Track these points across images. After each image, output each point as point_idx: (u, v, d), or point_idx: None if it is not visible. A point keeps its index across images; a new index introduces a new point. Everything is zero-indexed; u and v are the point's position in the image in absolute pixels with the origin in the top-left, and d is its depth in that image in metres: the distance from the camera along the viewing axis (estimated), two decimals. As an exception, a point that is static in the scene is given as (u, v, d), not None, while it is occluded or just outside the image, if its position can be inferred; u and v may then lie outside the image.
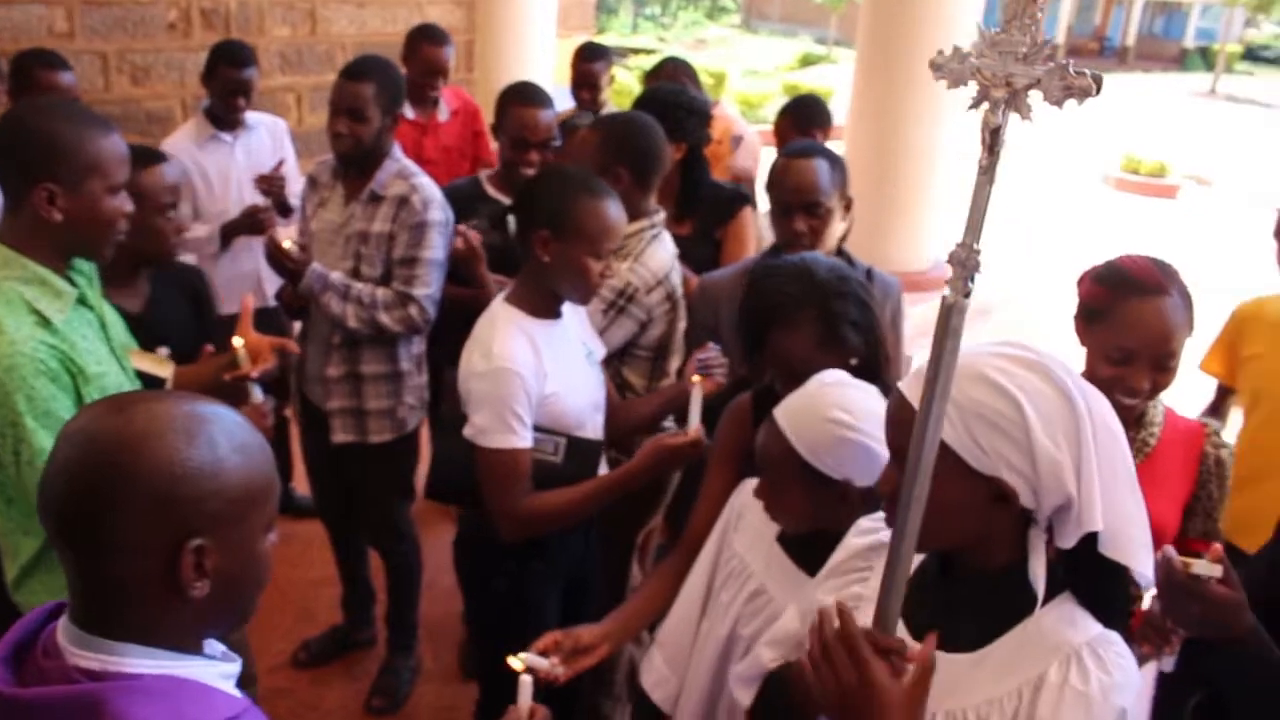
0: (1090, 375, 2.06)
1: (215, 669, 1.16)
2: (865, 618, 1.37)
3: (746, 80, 16.72)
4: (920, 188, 6.44)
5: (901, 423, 1.28)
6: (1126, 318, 1.98)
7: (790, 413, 1.74)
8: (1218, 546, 1.65)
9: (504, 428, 2.20)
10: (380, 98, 2.91)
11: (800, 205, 2.56)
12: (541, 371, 2.23)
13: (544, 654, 1.87)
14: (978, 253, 1.19)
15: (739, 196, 3.35)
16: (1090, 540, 1.28)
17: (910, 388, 1.31)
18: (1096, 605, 1.35)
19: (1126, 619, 1.48)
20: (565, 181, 2.29)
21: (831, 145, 2.92)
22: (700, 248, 3.26)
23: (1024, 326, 7.12)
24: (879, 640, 1.22)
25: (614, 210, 2.29)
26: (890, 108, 6.37)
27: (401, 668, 3.44)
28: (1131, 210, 12.28)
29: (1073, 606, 1.34)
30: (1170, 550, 1.63)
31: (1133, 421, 2.07)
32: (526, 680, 1.69)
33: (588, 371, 2.43)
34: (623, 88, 12.06)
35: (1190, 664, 1.73)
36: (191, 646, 1.16)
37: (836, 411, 1.69)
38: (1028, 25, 1.16)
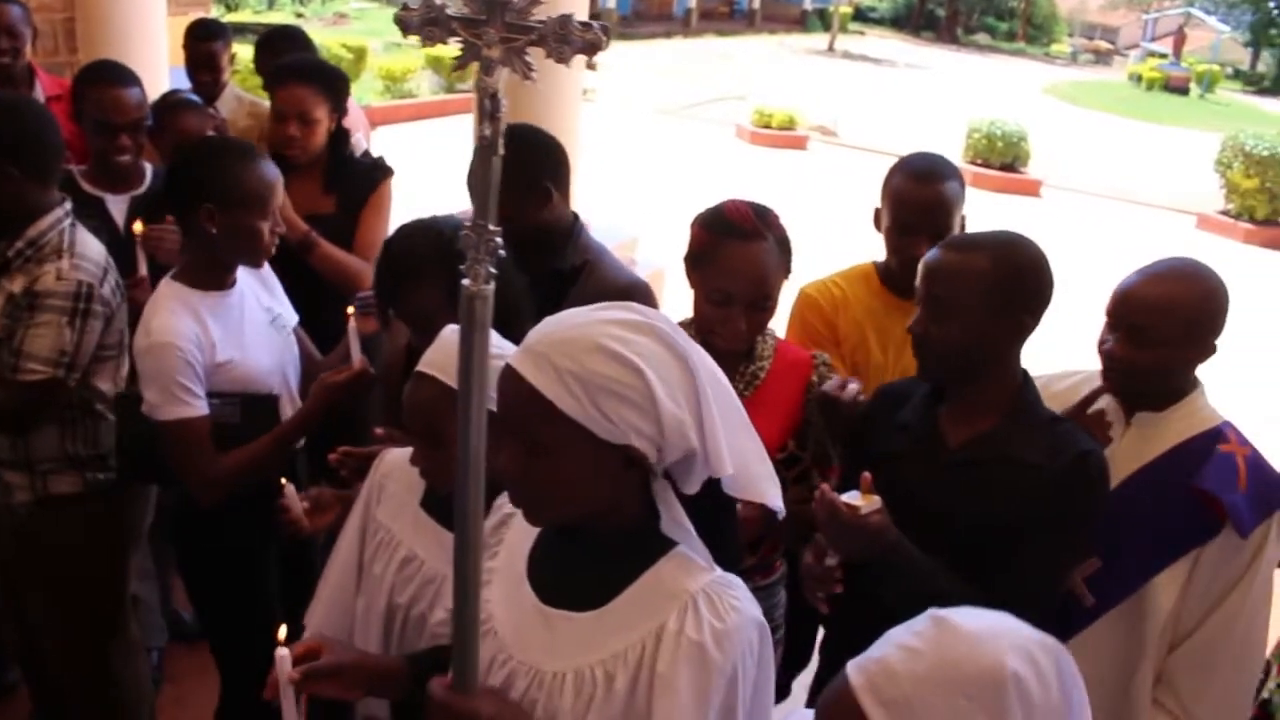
0: (697, 316, 2.19)
1: None
2: (492, 591, 1.43)
3: (389, 54, 16.33)
4: (570, 153, 6.54)
5: (514, 399, 1.31)
6: (725, 262, 2.09)
7: (436, 362, 1.73)
8: (867, 476, 1.84)
9: (173, 400, 2.27)
10: None
11: None
12: (208, 342, 2.31)
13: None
14: (494, 235, 1.12)
15: (380, 168, 3.29)
16: (711, 483, 1.35)
17: (521, 363, 1.31)
18: (715, 545, 1.40)
19: (739, 558, 1.58)
20: (218, 152, 2.41)
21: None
22: (345, 223, 3.18)
23: (663, 281, 7.45)
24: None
25: (270, 167, 2.40)
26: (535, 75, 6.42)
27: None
28: (765, 161, 13.10)
29: (689, 554, 1.38)
30: (830, 492, 1.80)
31: (742, 355, 2.22)
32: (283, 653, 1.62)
33: (272, 336, 2.51)
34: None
35: (851, 585, 1.90)
36: None
37: None
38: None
